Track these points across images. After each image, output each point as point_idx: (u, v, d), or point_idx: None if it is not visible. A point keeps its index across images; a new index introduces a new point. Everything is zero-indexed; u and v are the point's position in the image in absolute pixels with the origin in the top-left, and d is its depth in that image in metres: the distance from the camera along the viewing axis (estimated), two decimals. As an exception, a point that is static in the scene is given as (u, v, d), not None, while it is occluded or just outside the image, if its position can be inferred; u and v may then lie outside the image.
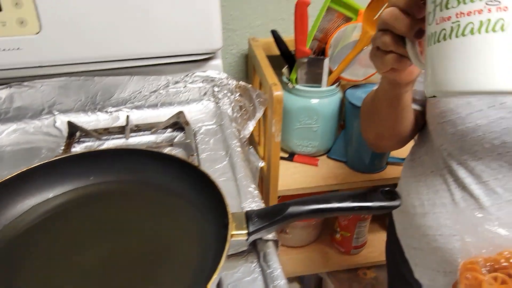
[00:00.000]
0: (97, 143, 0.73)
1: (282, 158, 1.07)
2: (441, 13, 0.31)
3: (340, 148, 1.08)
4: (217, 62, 0.83)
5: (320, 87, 0.99)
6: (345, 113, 1.06)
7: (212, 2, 0.74)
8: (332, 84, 0.99)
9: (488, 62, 0.30)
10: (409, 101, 0.56)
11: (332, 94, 0.99)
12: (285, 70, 1.04)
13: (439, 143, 0.58)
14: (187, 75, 0.82)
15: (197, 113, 0.84)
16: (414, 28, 0.38)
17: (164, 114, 0.79)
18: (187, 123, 0.77)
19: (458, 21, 0.30)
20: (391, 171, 1.06)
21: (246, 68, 1.19)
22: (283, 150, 1.11)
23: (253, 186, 0.60)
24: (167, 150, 0.68)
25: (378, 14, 0.90)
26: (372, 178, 1.04)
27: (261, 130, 1.06)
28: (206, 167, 0.65)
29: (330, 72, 0.99)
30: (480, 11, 0.29)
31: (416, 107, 0.62)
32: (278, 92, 0.81)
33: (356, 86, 1.03)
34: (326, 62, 0.96)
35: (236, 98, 0.86)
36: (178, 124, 0.78)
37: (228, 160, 0.68)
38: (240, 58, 1.17)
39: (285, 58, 1.02)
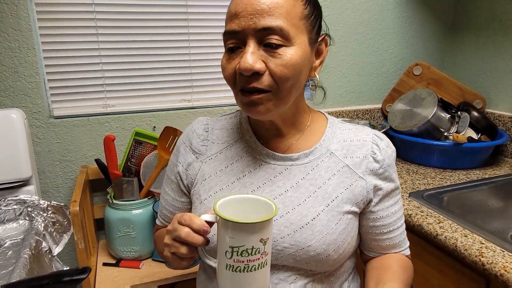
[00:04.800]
0: None
1: (108, 264, 1.24)
2: (237, 257, 0.53)
3: (160, 250, 1.27)
4: (30, 187, 1.04)
5: (135, 200, 1.23)
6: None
7: (21, 144, 0.98)
8: (145, 197, 1.24)
9: (260, 282, 0.56)
10: None
11: (145, 205, 1.23)
12: (109, 189, 1.28)
13: None
14: (0, 199, 1.00)
15: (12, 230, 1.01)
16: (204, 242, 0.57)
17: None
18: (-6, 240, 0.93)
19: (248, 264, 0.54)
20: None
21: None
22: (112, 257, 1.27)
23: None
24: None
25: (168, 143, 1.22)
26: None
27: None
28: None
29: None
30: (258, 259, 0.54)
31: None
32: (75, 208, 1.02)
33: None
34: (136, 180, 1.22)
35: (49, 216, 1.05)
36: (-14, 241, 0.93)
37: (14, 266, 0.84)
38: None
39: (108, 180, 1.27)
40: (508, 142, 1.46)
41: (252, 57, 0.59)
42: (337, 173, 0.70)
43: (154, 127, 1.42)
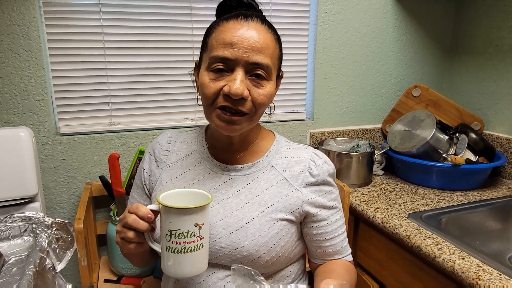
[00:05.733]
0: None
1: (109, 281, 1.25)
2: (175, 239, 0.62)
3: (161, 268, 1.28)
4: (36, 204, 1.06)
5: (137, 217, 1.24)
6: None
7: (28, 162, 1.01)
8: (147, 215, 1.26)
9: (197, 263, 0.64)
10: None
11: (147, 222, 1.25)
12: (112, 206, 1.30)
13: None
14: (6, 216, 1.02)
15: (16, 246, 1.02)
16: (149, 228, 0.66)
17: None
18: (0, 255, 0.95)
19: (184, 246, 0.62)
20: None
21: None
22: (113, 273, 1.28)
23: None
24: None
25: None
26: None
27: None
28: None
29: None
30: (193, 241, 0.62)
31: None
32: (79, 225, 1.04)
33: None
34: (139, 198, 1.24)
35: (53, 232, 1.07)
36: (-10, 258, 0.95)
37: (18, 283, 0.86)
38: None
39: (111, 197, 1.29)
40: (506, 163, 1.48)
41: (241, 85, 0.69)
42: (275, 184, 0.80)
43: (158, 145, 1.44)
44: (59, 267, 1.04)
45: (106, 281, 1.25)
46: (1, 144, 1.01)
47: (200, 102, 0.78)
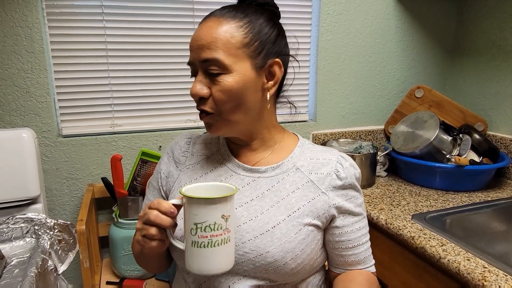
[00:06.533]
0: None
1: (111, 283, 1.24)
2: (201, 233, 0.58)
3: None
4: (38, 206, 1.05)
5: (140, 219, 1.24)
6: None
7: (30, 164, 1.00)
8: (150, 216, 1.25)
9: (224, 259, 0.61)
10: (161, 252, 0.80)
11: (149, 224, 1.24)
12: (115, 207, 1.29)
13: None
14: (8, 217, 1.02)
15: (18, 248, 1.02)
16: (172, 223, 0.62)
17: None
18: (2, 257, 0.95)
19: (211, 239, 0.59)
20: None
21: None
22: (115, 275, 1.28)
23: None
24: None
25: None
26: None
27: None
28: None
29: (148, 207, 1.26)
30: (220, 234, 0.59)
31: None
32: (81, 227, 1.04)
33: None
34: (141, 200, 1.23)
35: (55, 234, 1.06)
36: (-8, 259, 0.95)
37: (20, 284, 0.85)
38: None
39: (114, 198, 1.29)
40: (510, 164, 1.47)
41: (198, 84, 0.70)
42: (301, 187, 0.76)
43: (160, 146, 1.44)
44: (61, 268, 1.04)
45: (108, 283, 1.24)
46: (4, 145, 1.01)
47: None
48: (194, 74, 0.73)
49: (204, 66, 0.69)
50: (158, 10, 1.37)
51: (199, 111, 0.73)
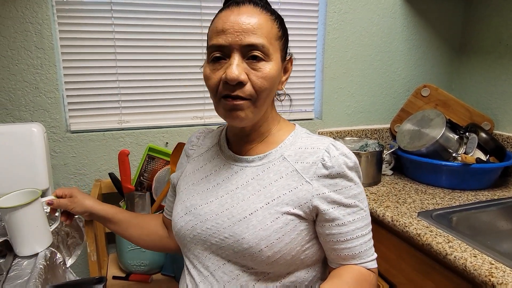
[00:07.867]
0: None
1: (118, 277, 1.25)
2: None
3: (169, 265, 1.28)
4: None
5: (146, 214, 1.25)
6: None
7: (39, 157, 1.02)
8: (156, 211, 1.26)
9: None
10: (116, 218, 0.91)
11: (156, 219, 1.25)
12: (122, 203, 1.30)
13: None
14: (18, 211, 1.03)
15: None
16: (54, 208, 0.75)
17: None
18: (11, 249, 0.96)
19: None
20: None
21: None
22: (121, 270, 1.29)
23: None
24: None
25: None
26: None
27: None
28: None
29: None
30: None
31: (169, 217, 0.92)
32: (89, 221, 1.04)
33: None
34: (148, 195, 1.24)
35: (62, 228, 1.07)
36: (3, 251, 0.96)
37: (29, 275, 0.86)
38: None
39: (121, 194, 1.30)
40: (517, 163, 1.47)
41: (237, 68, 0.68)
42: (285, 176, 0.76)
43: (167, 143, 1.45)
44: (69, 262, 1.05)
45: (114, 277, 1.25)
46: (14, 139, 1.03)
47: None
48: (218, 59, 0.71)
49: (245, 50, 0.69)
50: (166, 7, 1.38)
51: (224, 97, 0.71)
